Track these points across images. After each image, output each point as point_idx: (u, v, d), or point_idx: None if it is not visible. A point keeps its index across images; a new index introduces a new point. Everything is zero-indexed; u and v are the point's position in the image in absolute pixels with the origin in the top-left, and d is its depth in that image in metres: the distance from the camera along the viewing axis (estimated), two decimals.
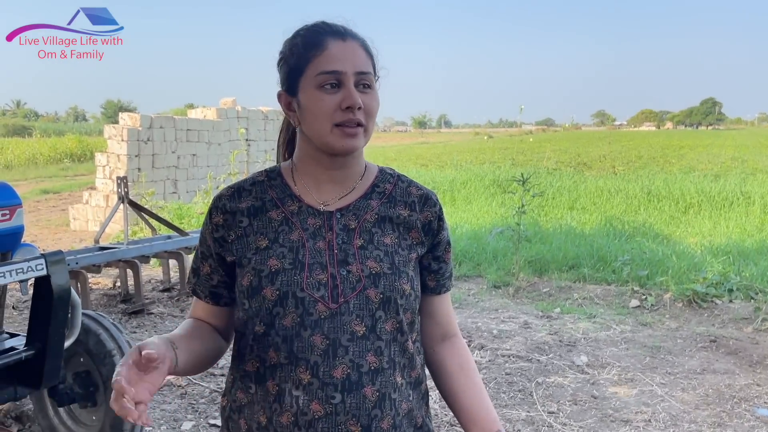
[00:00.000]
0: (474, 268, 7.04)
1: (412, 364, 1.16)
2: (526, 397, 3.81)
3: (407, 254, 1.17)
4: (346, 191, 1.18)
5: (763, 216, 10.32)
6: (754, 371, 4.24)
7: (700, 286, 5.66)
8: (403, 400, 1.13)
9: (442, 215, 1.24)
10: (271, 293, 1.08)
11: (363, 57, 1.12)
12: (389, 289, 1.11)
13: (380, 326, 1.10)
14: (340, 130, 1.09)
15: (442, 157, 28.85)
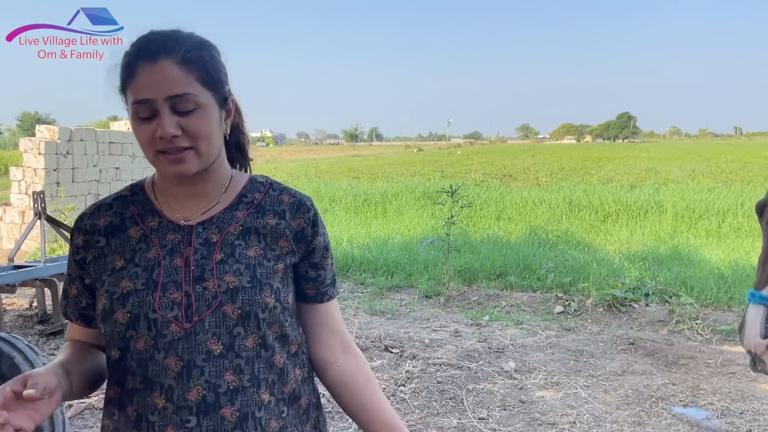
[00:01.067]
0: (406, 279, 7.12)
1: (284, 380, 1.12)
2: (457, 404, 3.88)
3: (273, 265, 1.12)
4: (210, 204, 1.14)
5: (674, 223, 10.97)
6: (669, 371, 4.48)
7: (618, 291, 5.95)
8: (273, 417, 1.09)
9: (317, 221, 1.19)
10: (123, 316, 1.04)
11: (178, 78, 1.03)
12: (248, 304, 1.06)
13: (239, 343, 1.05)
14: (164, 156, 1.05)
15: (374, 169, 29.04)
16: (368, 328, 5.37)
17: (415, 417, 3.69)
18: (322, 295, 1.21)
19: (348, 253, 7.90)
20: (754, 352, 1.71)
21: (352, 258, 7.70)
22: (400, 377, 4.27)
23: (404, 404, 3.86)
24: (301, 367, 1.17)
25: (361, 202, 14.23)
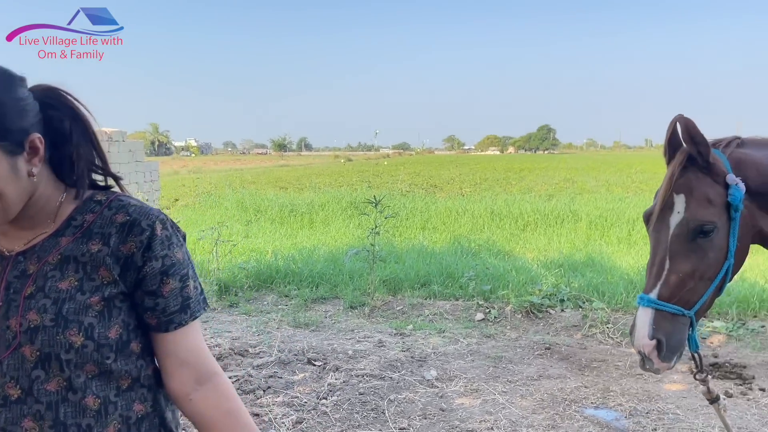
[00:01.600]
0: (331, 290, 7.09)
1: (104, 421, 1.04)
2: (378, 415, 3.89)
3: (86, 299, 1.03)
4: (37, 233, 1.07)
5: (588, 231, 11.48)
6: (582, 374, 4.67)
7: (536, 298, 6.15)
8: None
9: (152, 243, 1.07)
10: None
11: None
12: (48, 345, 0.99)
13: (38, 387, 0.99)
14: None
15: (302, 179, 28.85)
16: (291, 342, 5.30)
17: (336, 430, 3.67)
18: (166, 324, 1.10)
19: (272, 265, 7.79)
20: (643, 352, 1.80)
21: (276, 270, 7.60)
22: (322, 390, 4.24)
23: (325, 417, 3.83)
24: (143, 401, 1.10)
25: (287, 213, 14.08)
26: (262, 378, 4.41)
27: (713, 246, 1.79)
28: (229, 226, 11.03)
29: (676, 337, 1.81)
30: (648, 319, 1.80)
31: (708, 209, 1.78)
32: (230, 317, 6.22)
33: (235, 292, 6.99)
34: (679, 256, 1.80)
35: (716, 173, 1.79)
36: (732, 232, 1.80)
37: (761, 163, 1.83)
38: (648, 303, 1.81)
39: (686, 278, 1.79)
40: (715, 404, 2.11)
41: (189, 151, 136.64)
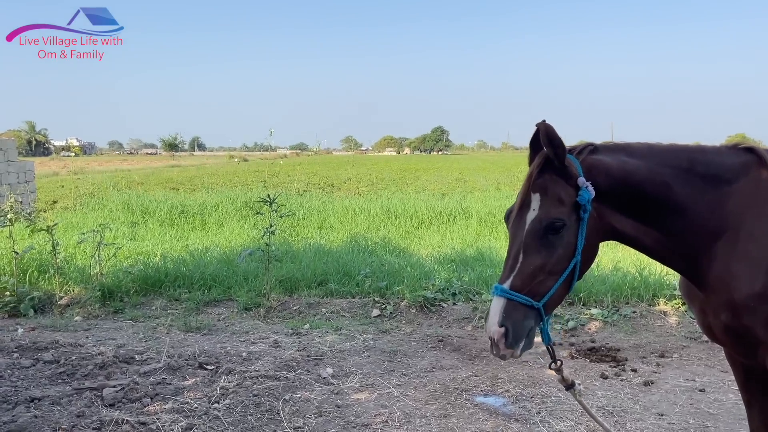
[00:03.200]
0: (224, 292, 6.88)
1: None
2: (273, 416, 3.82)
3: None
4: None
5: (479, 228, 11.94)
6: (473, 364, 4.84)
7: (429, 293, 6.31)
8: None
9: None
10: None
11: None
12: None
13: None
14: None
15: (194, 180, 27.83)
16: (182, 346, 5.09)
17: None
18: None
19: (161, 269, 7.44)
20: (492, 338, 1.94)
21: (165, 273, 7.26)
22: (214, 394, 4.11)
23: (218, 422, 3.71)
24: None
25: (177, 214, 13.53)
26: (150, 385, 4.20)
27: (562, 243, 1.96)
28: (114, 229, 10.42)
29: (522, 326, 1.96)
30: (499, 307, 1.94)
31: (559, 208, 1.95)
32: (115, 324, 5.88)
33: (121, 298, 6.62)
34: (531, 250, 1.96)
35: (569, 176, 1.97)
36: (580, 231, 1.98)
37: (610, 167, 2.03)
38: (501, 293, 1.96)
39: (536, 271, 1.95)
40: (571, 390, 2.31)
41: (70, 151, 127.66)
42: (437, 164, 50.10)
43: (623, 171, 2.02)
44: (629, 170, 2.02)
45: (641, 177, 2.01)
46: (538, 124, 1.96)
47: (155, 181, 27.20)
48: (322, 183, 26.14)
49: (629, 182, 2.01)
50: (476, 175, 31.67)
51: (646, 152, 2.08)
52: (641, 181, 2.01)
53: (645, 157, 2.06)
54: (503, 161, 57.76)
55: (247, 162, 58.69)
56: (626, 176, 2.01)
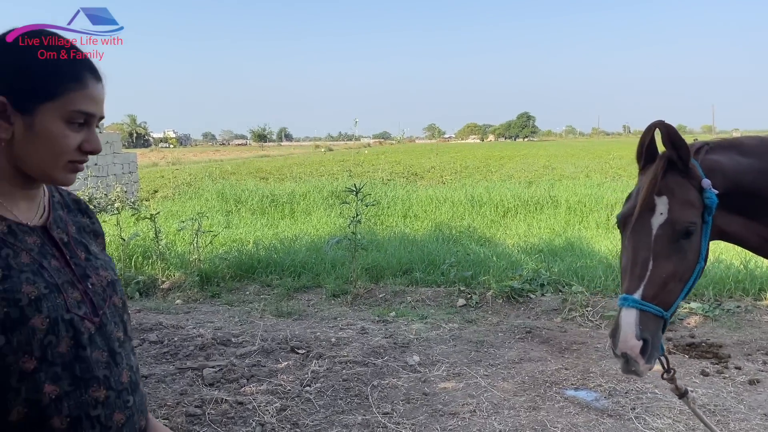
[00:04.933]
0: (313, 279, 7.09)
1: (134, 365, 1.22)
2: (362, 401, 3.91)
3: (110, 259, 1.23)
4: (38, 206, 1.14)
5: (567, 217, 11.59)
6: (563, 357, 4.74)
7: (516, 283, 6.21)
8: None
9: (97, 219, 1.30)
10: (41, 322, 1.00)
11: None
12: (122, 293, 1.18)
13: (128, 327, 1.17)
14: (72, 166, 1.09)
15: (282, 170, 28.68)
16: (274, 330, 5.30)
17: (320, 416, 3.69)
18: None
19: (254, 255, 7.76)
20: (628, 353, 1.77)
21: (258, 260, 7.57)
22: (305, 377, 4.25)
23: (309, 404, 3.84)
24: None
25: (268, 203, 14.01)
26: (246, 367, 4.41)
27: (692, 247, 1.83)
28: (210, 217, 10.95)
29: (657, 338, 1.81)
30: (634, 319, 1.78)
31: (690, 211, 1.82)
32: (212, 308, 6.20)
33: (217, 283, 6.96)
34: (661, 256, 1.82)
35: (693, 177, 1.84)
36: (704, 234, 1.85)
37: (725, 167, 1.90)
38: (633, 303, 1.80)
39: (668, 278, 1.81)
40: (684, 398, 2.15)
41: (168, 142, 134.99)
42: (523, 151, 49.00)
43: (736, 172, 1.89)
44: (742, 170, 1.90)
45: (754, 177, 1.88)
46: (655, 123, 1.84)
47: (246, 171, 28.26)
48: (405, 172, 26.22)
49: (742, 182, 1.88)
50: (565, 163, 30.69)
51: (759, 149, 1.93)
52: (754, 181, 1.88)
53: (758, 154, 1.92)
54: (593, 148, 55.68)
55: (332, 151, 59.81)
56: (739, 177, 1.89)
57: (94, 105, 1.08)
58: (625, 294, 1.83)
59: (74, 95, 1.06)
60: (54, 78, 1.05)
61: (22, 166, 1.07)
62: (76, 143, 1.07)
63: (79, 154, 1.08)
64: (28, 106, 1.04)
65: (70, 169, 1.09)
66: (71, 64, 1.08)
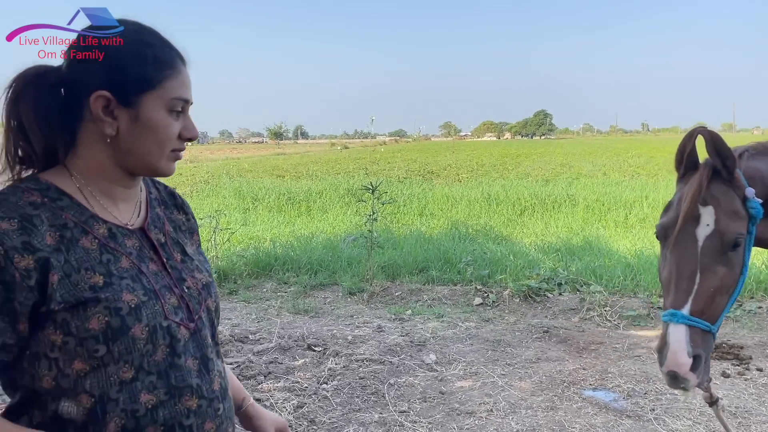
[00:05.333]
0: (330, 277, 7.10)
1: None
2: (378, 399, 3.92)
3: (204, 258, 1.21)
4: (136, 205, 1.12)
5: (585, 216, 11.50)
6: (581, 357, 4.70)
7: (534, 282, 6.17)
8: None
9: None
10: (141, 331, 0.98)
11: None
12: (217, 296, 1.15)
13: (215, 332, 1.15)
14: (174, 155, 1.07)
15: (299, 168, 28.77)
16: (291, 328, 5.32)
17: (337, 414, 3.70)
18: None
19: (271, 253, 7.80)
20: (678, 371, 1.69)
21: (275, 257, 7.61)
22: (322, 375, 4.27)
23: (326, 402, 3.85)
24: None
25: (284, 201, 14.08)
26: (263, 364, 4.43)
27: (739, 259, 1.76)
28: (227, 215, 11.02)
29: (707, 354, 1.74)
30: (684, 336, 1.70)
31: (737, 221, 1.74)
32: (230, 304, 6.23)
33: (234, 280, 7.01)
34: (709, 269, 1.73)
35: (738, 186, 1.76)
36: (748, 245, 1.78)
37: (765, 174, 1.83)
38: (682, 319, 1.71)
39: (716, 292, 1.73)
40: (713, 406, 2.07)
41: None
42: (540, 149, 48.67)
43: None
44: None
45: None
46: (697, 130, 1.75)
47: (263, 169, 28.40)
48: (421, 170, 26.18)
49: None
50: (582, 161, 30.43)
51: None
52: None
53: None
54: (611, 146, 55.18)
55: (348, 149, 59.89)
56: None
57: (188, 91, 1.07)
58: (671, 309, 1.73)
59: (172, 82, 1.04)
60: (152, 67, 1.03)
61: (126, 161, 1.04)
62: (178, 131, 1.06)
63: (180, 142, 1.07)
64: (131, 99, 1.02)
65: (173, 158, 1.08)
66: (166, 50, 1.06)
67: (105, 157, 1.04)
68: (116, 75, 1.02)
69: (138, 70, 1.02)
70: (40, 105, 1.02)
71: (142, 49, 1.03)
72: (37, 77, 1.04)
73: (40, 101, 1.02)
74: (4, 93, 1.02)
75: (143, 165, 1.05)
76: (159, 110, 1.02)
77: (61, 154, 1.04)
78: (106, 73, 1.02)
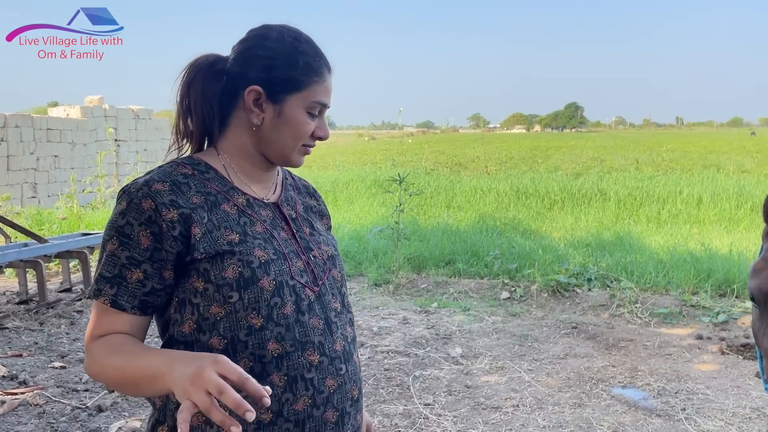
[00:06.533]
0: (355, 267, 7.10)
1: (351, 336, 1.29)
2: (403, 391, 3.90)
3: (333, 236, 1.34)
4: (272, 186, 1.27)
5: (617, 210, 11.30)
6: (610, 354, 4.62)
7: (562, 277, 6.08)
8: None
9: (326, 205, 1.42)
10: (269, 283, 1.10)
11: None
12: (342, 268, 1.27)
13: (346, 301, 1.26)
14: (304, 149, 1.21)
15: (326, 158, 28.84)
16: None
17: None
18: None
19: None
20: None
21: None
22: None
23: None
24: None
25: None
26: None
27: None
28: None
29: None
30: None
31: None
32: None
33: None
34: None
35: None
36: None
37: None
38: None
39: None
40: None
41: None
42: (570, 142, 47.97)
43: None
44: None
45: None
46: None
47: None
48: (449, 162, 26.03)
49: None
50: (614, 154, 29.91)
51: None
52: None
53: None
54: (644, 139, 54.11)
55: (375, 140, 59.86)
56: None
57: (328, 96, 1.21)
58: None
59: (316, 87, 1.18)
60: (303, 72, 1.18)
61: (265, 149, 1.20)
62: (311, 130, 1.20)
63: (312, 139, 1.21)
64: (279, 97, 1.17)
65: (303, 153, 1.22)
66: (316, 59, 1.20)
67: (249, 143, 1.20)
68: (270, 74, 1.17)
69: (289, 74, 1.16)
70: (206, 89, 1.19)
71: (295, 56, 1.17)
72: (208, 65, 1.21)
73: (206, 86, 1.19)
74: (180, 77, 1.20)
75: (278, 154, 1.20)
76: (300, 110, 1.17)
77: (216, 135, 1.22)
78: (263, 71, 1.17)
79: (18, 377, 4.04)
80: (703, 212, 11.07)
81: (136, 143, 14.09)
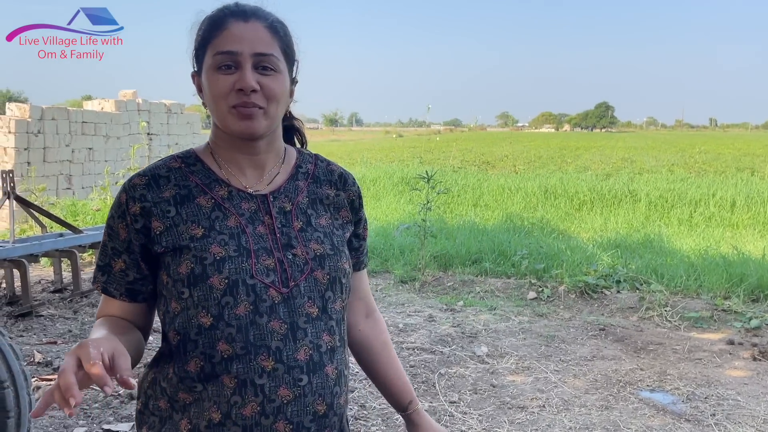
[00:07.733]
0: (382, 264, 7.12)
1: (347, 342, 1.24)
2: (429, 388, 3.91)
3: (342, 234, 1.21)
4: (271, 175, 1.18)
5: (647, 212, 11.13)
6: (638, 357, 4.56)
7: (591, 278, 6.02)
8: (348, 376, 1.20)
9: (360, 193, 1.29)
10: (219, 282, 1.05)
11: (266, 38, 1.09)
12: (334, 270, 1.14)
13: (330, 306, 1.13)
14: (236, 111, 1.08)
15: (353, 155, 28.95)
16: None
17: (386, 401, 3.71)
18: (360, 263, 1.32)
19: None
20: None
21: None
22: None
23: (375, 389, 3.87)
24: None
25: None
26: None
27: None
28: None
29: None
30: None
31: None
32: None
33: None
34: None
35: None
36: None
37: None
38: None
39: None
40: None
41: None
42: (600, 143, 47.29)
43: None
44: None
45: None
46: None
47: None
48: (477, 160, 25.90)
49: None
50: (645, 155, 29.41)
51: None
52: None
53: None
54: (676, 141, 53.10)
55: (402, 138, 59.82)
56: None
57: (234, 43, 1.07)
58: None
59: (216, 41, 1.09)
60: (205, 32, 1.11)
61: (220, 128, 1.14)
62: (228, 86, 1.07)
63: (236, 96, 1.07)
64: (199, 70, 1.13)
65: (237, 116, 1.08)
66: (214, 14, 1.13)
67: (216, 128, 1.16)
68: (194, 52, 1.14)
69: (198, 42, 1.12)
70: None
71: (203, 21, 1.12)
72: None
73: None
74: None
75: (222, 127, 1.13)
76: (208, 70, 1.09)
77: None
78: (193, 54, 1.15)
79: (53, 364, 4.15)
80: (737, 216, 10.85)
81: (168, 137, 14.31)
